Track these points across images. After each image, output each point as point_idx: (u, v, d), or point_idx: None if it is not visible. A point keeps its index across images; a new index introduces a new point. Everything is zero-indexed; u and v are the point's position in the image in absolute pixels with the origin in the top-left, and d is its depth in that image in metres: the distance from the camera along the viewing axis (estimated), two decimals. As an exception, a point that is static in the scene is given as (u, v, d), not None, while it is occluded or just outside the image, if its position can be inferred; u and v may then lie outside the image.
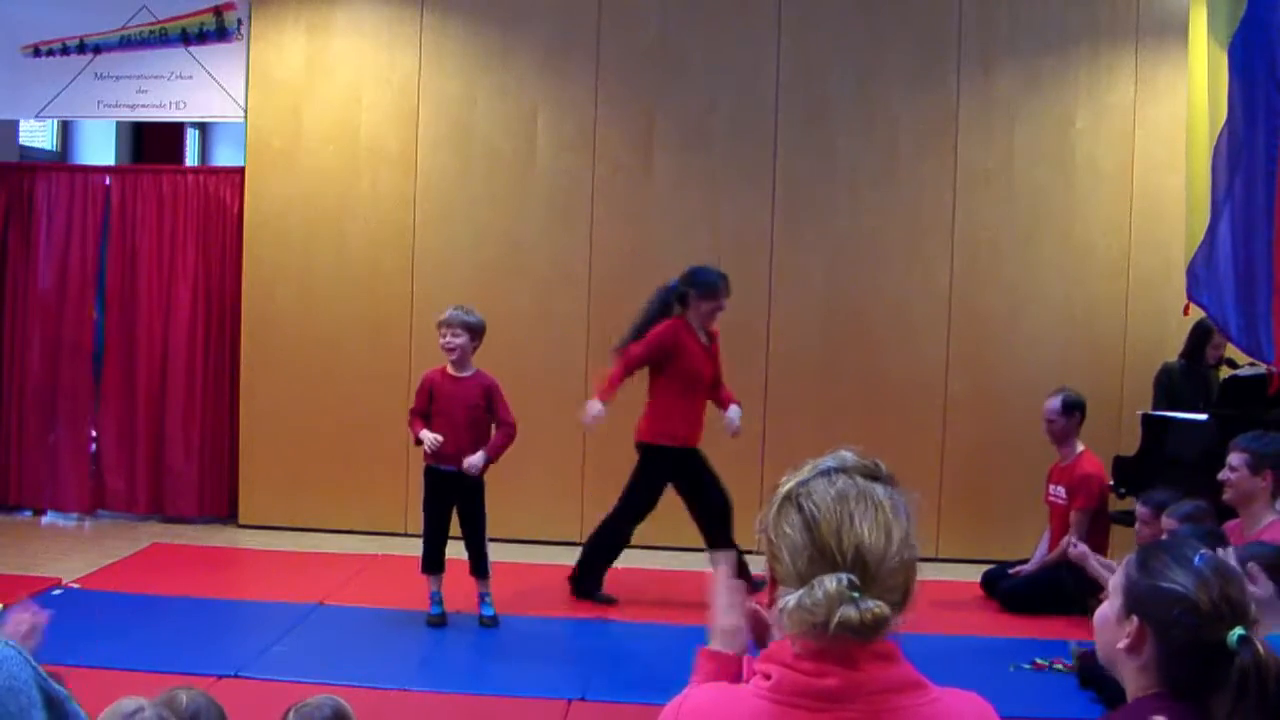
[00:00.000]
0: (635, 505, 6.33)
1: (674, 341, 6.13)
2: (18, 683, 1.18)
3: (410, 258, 7.81)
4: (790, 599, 1.51)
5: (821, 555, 1.53)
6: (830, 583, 1.49)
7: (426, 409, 5.89)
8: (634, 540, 7.56)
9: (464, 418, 5.82)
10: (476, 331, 5.85)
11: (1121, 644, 1.88)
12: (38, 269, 8.11)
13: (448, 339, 5.82)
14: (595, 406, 6.09)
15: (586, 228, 7.75)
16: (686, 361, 6.15)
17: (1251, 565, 2.88)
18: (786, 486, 1.61)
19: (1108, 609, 1.95)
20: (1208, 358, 6.89)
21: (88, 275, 8.12)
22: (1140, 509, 5.30)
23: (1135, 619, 1.87)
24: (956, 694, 1.59)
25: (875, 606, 1.49)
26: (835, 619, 1.48)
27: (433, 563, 5.92)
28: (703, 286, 6.19)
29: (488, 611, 5.93)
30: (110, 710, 2.14)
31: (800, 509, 1.56)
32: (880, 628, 1.50)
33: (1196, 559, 1.88)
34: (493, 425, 5.90)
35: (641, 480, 6.31)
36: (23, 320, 8.12)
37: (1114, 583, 1.96)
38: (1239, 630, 1.80)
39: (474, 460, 5.75)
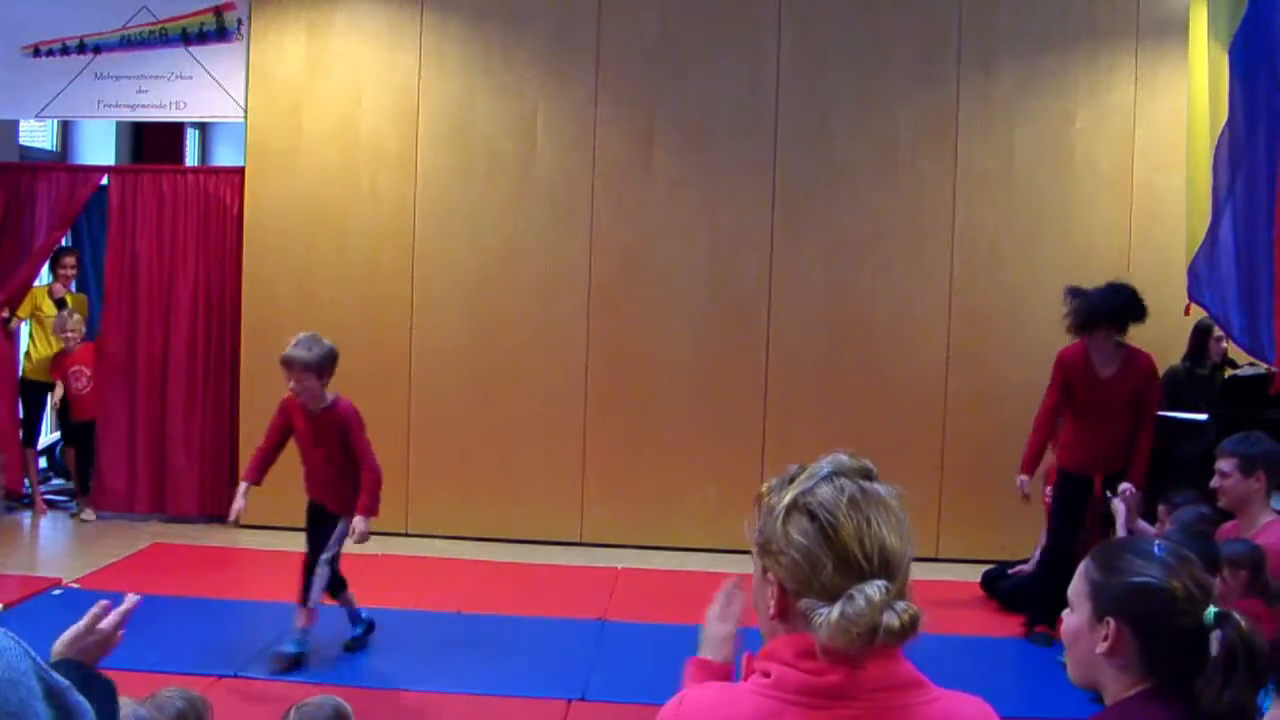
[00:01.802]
0: (1052, 526, 6.12)
1: (1060, 370, 5.91)
2: (17, 674, 1.17)
3: (410, 258, 7.80)
4: (830, 612, 1.47)
5: (845, 563, 1.50)
6: (873, 592, 1.47)
7: (278, 444, 5.37)
8: (632, 540, 7.60)
9: (323, 456, 5.32)
10: (322, 369, 5.16)
11: (1101, 649, 1.87)
12: (35, 267, 8.14)
13: (292, 385, 5.14)
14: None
15: (586, 228, 7.74)
16: (1073, 390, 5.89)
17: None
18: (791, 494, 1.57)
19: (1075, 621, 1.93)
20: (1211, 354, 6.87)
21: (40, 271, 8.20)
22: (1162, 509, 5.29)
23: (1111, 621, 1.86)
24: (957, 695, 1.59)
25: (910, 608, 1.48)
26: (881, 627, 1.45)
27: (334, 585, 5.48)
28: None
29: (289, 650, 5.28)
30: None
31: (813, 517, 1.53)
32: (916, 629, 1.48)
33: (1156, 549, 1.90)
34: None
35: (1053, 499, 6.12)
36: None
37: (1075, 593, 1.94)
38: (1214, 609, 1.81)
39: (361, 532, 5.25)
